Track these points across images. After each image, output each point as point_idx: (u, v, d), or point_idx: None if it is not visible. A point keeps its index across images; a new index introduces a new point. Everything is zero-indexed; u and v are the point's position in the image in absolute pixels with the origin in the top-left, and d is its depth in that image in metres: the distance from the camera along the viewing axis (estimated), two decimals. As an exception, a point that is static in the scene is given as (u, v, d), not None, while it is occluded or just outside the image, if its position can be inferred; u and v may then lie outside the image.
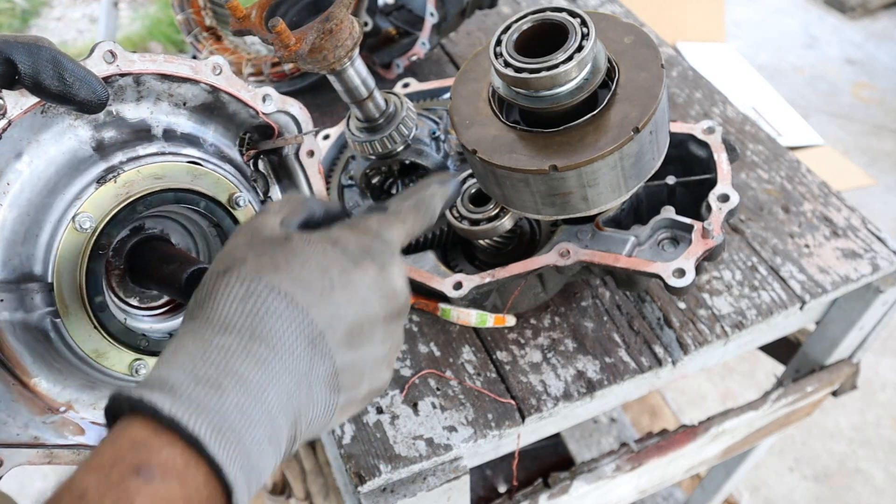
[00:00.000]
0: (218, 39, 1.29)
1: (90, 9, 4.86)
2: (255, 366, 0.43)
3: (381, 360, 0.52)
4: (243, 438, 0.41)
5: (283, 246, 0.49)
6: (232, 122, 0.66)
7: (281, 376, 0.44)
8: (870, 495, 2.27)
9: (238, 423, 0.41)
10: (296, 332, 0.46)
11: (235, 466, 0.40)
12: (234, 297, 0.46)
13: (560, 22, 0.70)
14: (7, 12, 4.71)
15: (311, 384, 0.46)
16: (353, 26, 0.74)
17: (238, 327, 0.45)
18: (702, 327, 0.90)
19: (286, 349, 0.45)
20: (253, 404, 0.42)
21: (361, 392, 0.51)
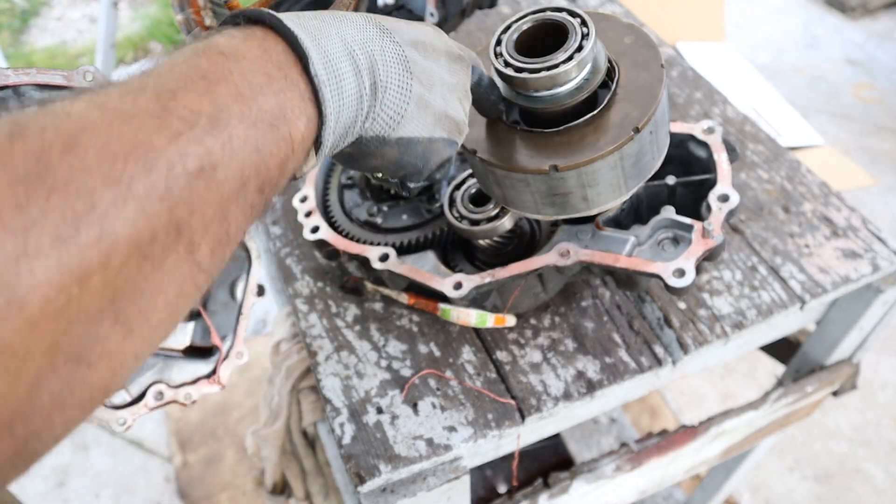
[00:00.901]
0: (218, 39, 1.28)
1: (90, 9, 4.86)
2: (332, 17, 0.52)
3: (452, 86, 0.58)
4: (317, 36, 0.49)
5: (408, 24, 0.58)
6: None
7: (350, 26, 0.52)
8: (870, 495, 2.27)
9: (311, 25, 0.49)
10: (366, 20, 0.54)
11: (311, 43, 0.48)
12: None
13: (560, 22, 0.70)
14: (7, 12, 4.71)
15: (383, 48, 0.53)
16: None
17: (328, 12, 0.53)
18: (702, 327, 0.90)
19: (357, 25, 0.53)
20: (328, 26, 0.50)
21: (436, 99, 0.57)
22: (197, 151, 0.38)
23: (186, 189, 0.37)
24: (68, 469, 2.33)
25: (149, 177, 0.35)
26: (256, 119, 0.42)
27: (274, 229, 1.09)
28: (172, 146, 0.37)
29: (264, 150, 0.43)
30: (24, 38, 4.61)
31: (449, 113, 0.58)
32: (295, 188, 1.14)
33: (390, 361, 0.89)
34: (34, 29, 4.70)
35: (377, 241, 0.93)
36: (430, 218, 0.94)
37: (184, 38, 1.27)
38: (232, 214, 0.41)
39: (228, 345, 0.83)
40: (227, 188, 0.40)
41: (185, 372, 0.82)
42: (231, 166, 0.40)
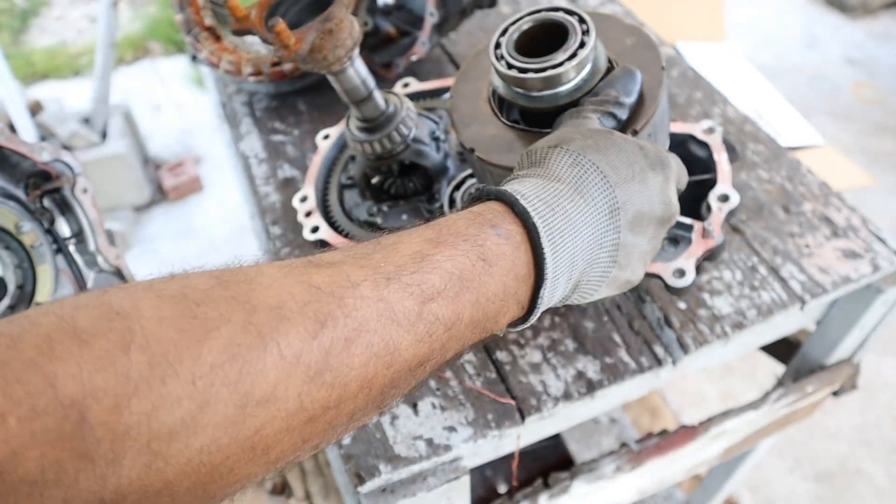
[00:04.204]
0: (217, 39, 1.28)
1: (90, 9, 4.85)
2: (576, 208, 0.54)
3: (644, 253, 0.61)
4: (557, 254, 0.52)
5: (606, 137, 0.60)
6: (16, 169, 0.82)
7: (589, 225, 0.55)
8: (870, 496, 2.27)
9: (558, 240, 0.52)
10: (604, 200, 0.56)
11: (550, 267, 0.51)
12: (564, 162, 0.57)
13: (560, 22, 0.70)
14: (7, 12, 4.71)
15: (601, 245, 0.56)
16: (353, 26, 0.74)
17: (567, 180, 0.56)
18: (702, 327, 0.90)
19: (596, 210, 0.56)
20: (570, 232, 0.53)
21: (623, 276, 0.60)
22: (419, 352, 0.46)
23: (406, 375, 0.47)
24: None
25: (388, 370, 0.45)
26: (476, 323, 0.50)
27: (274, 229, 1.09)
28: (412, 349, 0.45)
29: (465, 341, 0.50)
30: (24, 37, 4.61)
31: (631, 279, 0.62)
32: (295, 188, 1.14)
33: (390, 361, 0.89)
34: (34, 29, 4.70)
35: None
36: (431, 218, 0.93)
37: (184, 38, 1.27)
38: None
39: None
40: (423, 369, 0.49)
41: None
42: (435, 360, 0.49)
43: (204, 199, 3.40)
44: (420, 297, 0.45)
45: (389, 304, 0.44)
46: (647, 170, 0.60)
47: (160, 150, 3.61)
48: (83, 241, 0.86)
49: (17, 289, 0.80)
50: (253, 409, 0.37)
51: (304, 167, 1.18)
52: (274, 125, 1.28)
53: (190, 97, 3.99)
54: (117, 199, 3.21)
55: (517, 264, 0.51)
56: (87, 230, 0.86)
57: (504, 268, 0.50)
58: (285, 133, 1.26)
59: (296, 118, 1.28)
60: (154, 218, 3.32)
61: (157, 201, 3.39)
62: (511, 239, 0.51)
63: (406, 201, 0.96)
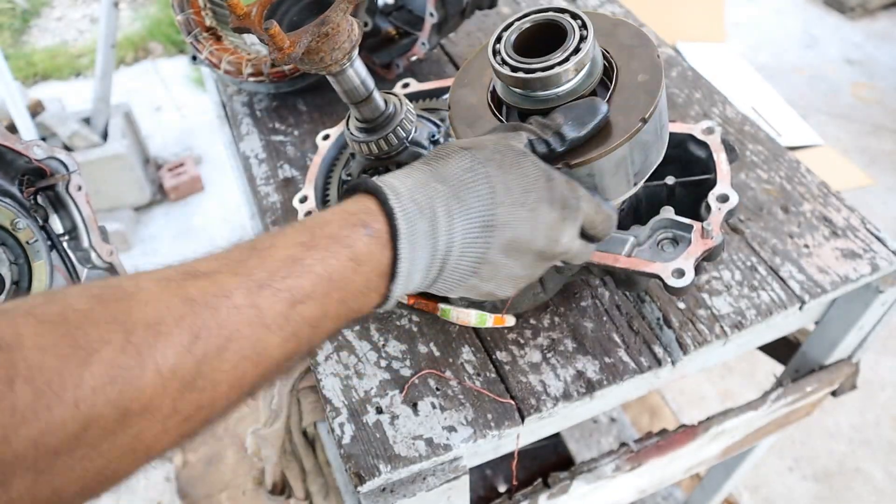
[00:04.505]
0: (218, 40, 1.29)
1: (90, 9, 4.86)
2: (447, 212, 0.58)
3: (516, 277, 0.64)
4: (416, 252, 0.57)
5: (515, 157, 0.62)
6: (11, 167, 0.82)
7: (455, 234, 0.59)
8: (870, 495, 2.27)
9: (420, 241, 0.57)
10: (481, 213, 0.59)
11: (404, 266, 0.56)
12: (460, 165, 0.61)
13: (559, 22, 0.70)
14: (7, 12, 4.71)
15: (464, 254, 0.60)
16: (352, 29, 0.74)
17: (451, 183, 0.60)
18: (701, 327, 0.90)
19: (469, 218, 0.59)
20: (432, 234, 0.58)
21: (485, 287, 0.64)
22: (286, 350, 0.50)
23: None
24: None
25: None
26: (340, 316, 0.54)
27: (274, 229, 1.09)
28: (279, 348, 0.50)
29: (330, 333, 0.55)
30: (25, 38, 4.61)
31: (494, 293, 0.65)
32: (295, 188, 1.14)
33: (390, 361, 0.89)
34: (35, 29, 4.70)
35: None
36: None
37: (184, 38, 1.27)
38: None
39: None
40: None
41: None
42: (301, 353, 0.53)
43: (204, 199, 3.40)
44: (290, 301, 0.49)
45: (261, 310, 0.47)
46: (542, 202, 0.62)
47: (161, 151, 3.61)
48: (77, 238, 0.87)
49: (12, 284, 0.80)
50: (131, 421, 0.41)
51: (304, 167, 1.18)
52: (274, 125, 1.28)
53: (190, 97, 4.00)
54: (118, 200, 3.21)
55: (382, 262, 0.55)
56: (80, 227, 0.86)
57: (370, 266, 0.54)
58: (285, 133, 1.26)
59: (296, 118, 1.29)
60: (154, 218, 3.32)
61: (158, 201, 3.39)
62: (379, 238, 0.55)
63: None
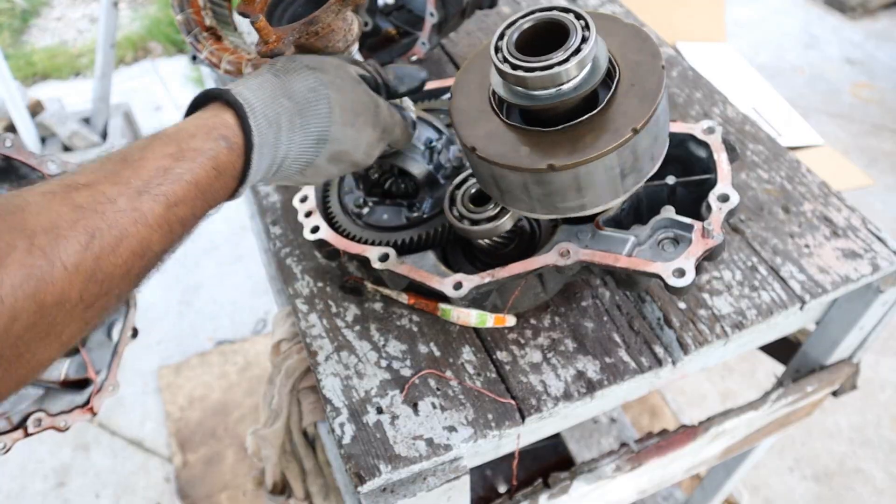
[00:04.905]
0: (218, 39, 1.28)
1: (90, 9, 4.86)
2: (289, 129, 0.69)
3: (330, 174, 0.77)
4: (262, 160, 0.66)
5: (352, 83, 0.74)
6: (25, 181, 0.84)
7: (294, 144, 0.70)
8: (870, 495, 2.27)
9: (266, 151, 0.66)
10: (318, 129, 0.71)
11: (253, 171, 0.65)
12: (306, 84, 0.70)
13: (561, 21, 0.70)
14: (7, 12, 4.71)
15: (297, 159, 0.71)
16: (349, 28, 0.74)
17: (296, 100, 0.69)
18: (702, 327, 0.90)
19: (307, 133, 0.70)
20: (275, 145, 0.68)
21: (304, 180, 0.77)
22: (164, 244, 0.59)
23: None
24: (69, 469, 2.33)
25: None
26: (203, 213, 0.64)
27: (274, 229, 1.09)
28: (160, 243, 0.58)
29: (195, 225, 0.64)
30: (25, 38, 4.61)
31: (311, 181, 0.78)
32: (295, 188, 1.14)
33: (390, 361, 0.89)
34: (34, 29, 4.70)
35: (377, 241, 0.93)
36: (431, 217, 0.93)
37: (183, 38, 1.27)
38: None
39: (102, 378, 0.96)
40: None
41: (63, 402, 0.94)
42: (175, 244, 0.62)
43: (204, 199, 3.40)
44: (166, 204, 0.57)
45: (143, 213, 0.55)
46: (368, 125, 0.75)
47: (160, 151, 3.61)
48: None
49: None
50: (47, 311, 0.48)
51: (304, 167, 1.18)
52: (274, 125, 1.27)
53: (190, 97, 3.99)
54: (117, 199, 3.21)
55: (236, 168, 0.64)
56: None
57: (228, 173, 0.64)
58: (285, 133, 1.26)
59: (296, 118, 1.28)
60: (154, 218, 3.32)
61: (157, 201, 3.39)
62: (235, 149, 0.64)
63: (391, 201, 0.96)
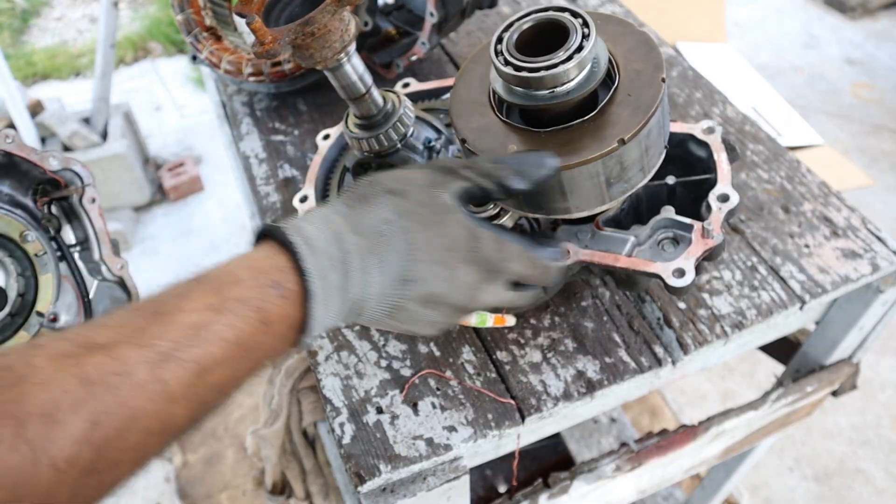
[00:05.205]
0: (218, 40, 1.29)
1: (90, 9, 4.85)
2: (362, 269, 0.58)
3: (433, 323, 0.65)
4: (328, 306, 0.56)
5: (440, 214, 0.61)
6: (25, 177, 0.82)
7: (371, 287, 0.59)
8: (870, 495, 2.27)
9: (332, 294, 0.56)
10: (398, 268, 0.59)
11: (315, 323, 0.55)
12: (381, 215, 0.60)
13: (561, 21, 0.70)
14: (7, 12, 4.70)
15: (380, 303, 0.61)
16: (346, 29, 0.74)
17: (369, 236, 0.59)
18: (702, 327, 0.90)
19: (385, 273, 0.59)
20: (344, 288, 0.58)
21: (402, 327, 0.65)
22: (193, 415, 0.49)
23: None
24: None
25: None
26: (249, 372, 0.53)
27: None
28: (185, 416, 0.48)
29: (237, 389, 0.54)
30: (25, 38, 4.61)
31: (411, 330, 0.66)
32: (295, 188, 1.14)
33: (390, 361, 0.89)
34: (35, 29, 4.70)
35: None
36: None
37: (184, 38, 1.27)
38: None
39: None
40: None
41: None
42: (209, 414, 0.52)
43: (204, 199, 3.40)
44: (197, 371, 0.47)
45: (166, 383, 0.45)
46: (462, 262, 0.62)
47: (160, 150, 3.61)
48: (88, 249, 0.86)
49: (18, 297, 0.80)
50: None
51: (304, 167, 1.18)
52: (274, 125, 1.28)
53: (190, 97, 3.99)
54: (117, 199, 3.21)
55: (293, 318, 0.54)
56: (92, 239, 0.86)
57: (281, 324, 0.54)
58: (285, 133, 1.26)
59: (296, 118, 1.29)
60: (154, 218, 3.32)
61: (158, 201, 3.39)
62: (291, 298, 0.54)
63: None
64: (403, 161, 0.91)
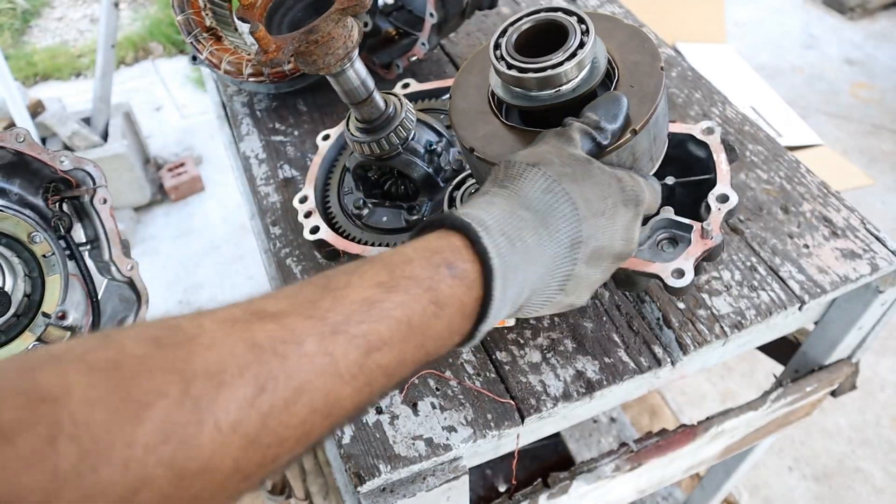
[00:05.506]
0: (218, 40, 1.29)
1: (91, 9, 4.86)
2: (537, 241, 0.57)
3: (595, 283, 0.64)
4: (507, 288, 0.53)
5: (584, 166, 0.61)
6: (36, 177, 0.82)
7: (545, 258, 0.57)
8: (869, 495, 2.27)
9: (510, 276, 0.54)
10: (568, 233, 0.58)
11: (495, 305, 0.53)
12: (538, 186, 0.59)
13: (560, 22, 0.70)
14: (8, 13, 4.71)
15: (553, 275, 0.59)
16: (349, 35, 0.74)
17: (535, 208, 0.58)
18: (701, 327, 0.90)
19: (558, 242, 0.58)
20: (524, 267, 0.55)
21: (567, 300, 0.63)
22: (359, 400, 0.47)
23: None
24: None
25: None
26: (417, 361, 0.50)
27: (274, 229, 1.09)
28: (351, 399, 0.46)
29: (405, 379, 0.53)
30: (26, 38, 4.61)
31: (575, 303, 0.64)
32: (295, 188, 1.14)
33: (390, 361, 0.89)
34: (35, 29, 4.70)
35: (377, 242, 0.93)
36: (407, 228, 0.94)
37: (184, 39, 1.27)
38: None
39: None
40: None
41: None
42: (375, 402, 0.54)
43: (204, 199, 3.40)
44: (365, 347, 0.45)
45: (334, 358, 0.43)
46: (619, 205, 0.62)
47: (161, 151, 3.61)
48: (98, 248, 0.86)
49: (24, 297, 0.80)
50: (188, 482, 0.37)
51: (304, 167, 1.18)
52: (274, 125, 1.28)
53: (190, 97, 4.00)
54: (118, 200, 3.22)
55: (466, 303, 0.52)
56: (102, 239, 0.86)
57: (454, 308, 0.51)
58: (285, 133, 1.26)
59: (296, 118, 1.29)
60: (155, 218, 3.32)
61: (158, 201, 3.39)
62: (465, 279, 0.51)
63: (391, 203, 0.96)
64: (405, 164, 0.91)
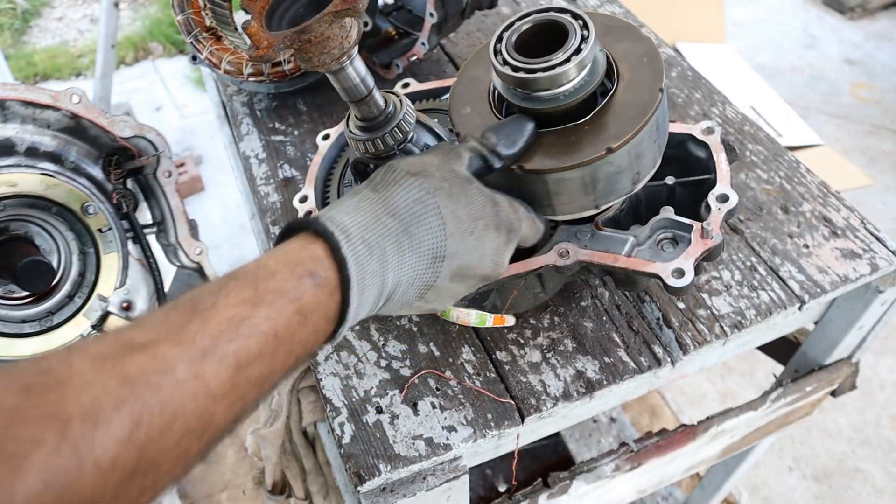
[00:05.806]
0: (218, 40, 1.29)
1: (91, 9, 4.86)
2: (397, 250, 0.59)
3: (457, 295, 0.67)
4: (364, 293, 0.56)
5: (462, 184, 0.64)
6: (94, 145, 0.76)
7: (405, 269, 0.60)
8: (869, 495, 2.27)
9: (368, 282, 0.56)
10: (432, 246, 0.61)
11: (353, 310, 0.55)
12: (410, 196, 0.61)
13: (560, 22, 0.70)
14: (8, 13, 4.71)
15: (413, 284, 0.61)
16: (347, 34, 0.74)
17: (402, 217, 0.60)
18: (701, 327, 0.90)
19: (419, 253, 0.60)
20: (381, 273, 0.58)
21: (427, 307, 0.66)
22: (232, 414, 0.48)
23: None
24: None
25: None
26: (286, 367, 0.52)
27: (274, 229, 1.09)
28: (224, 414, 0.47)
29: (276, 384, 0.53)
30: (26, 38, 4.61)
31: (435, 309, 0.67)
32: (295, 188, 1.14)
33: (390, 361, 0.89)
34: (35, 29, 4.70)
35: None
36: None
37: (184, 39, 1.27)
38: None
39: None
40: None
41: None
42: (248, 412, 0.51)
43: (205, 199, 3.40)
44: (235, 366, 0.46)
45: (206, 380, 0.44)
46: (490, 228, 0.64)
47: (160, 151, 3.61)
48: (164, 231, 0.77)
49: (79, 276, 0.73)
50: None
51: (304, 167, 1.18)
52: (274, 125, 1.28)
53: (190, 97, 4.00)
54: (117, 200, 3.22)
55: (329, 308, 0.54)
56: (168, 219, 0.78)
57: (318, 314, 0.53)
58: (285, 133, 1.26)
59: (296, 118, 1.29)
60: (154, 218, 3.32)
61: (157, 201, 3.39)
62: (327, 286, 0.54)
63: None
64: None
